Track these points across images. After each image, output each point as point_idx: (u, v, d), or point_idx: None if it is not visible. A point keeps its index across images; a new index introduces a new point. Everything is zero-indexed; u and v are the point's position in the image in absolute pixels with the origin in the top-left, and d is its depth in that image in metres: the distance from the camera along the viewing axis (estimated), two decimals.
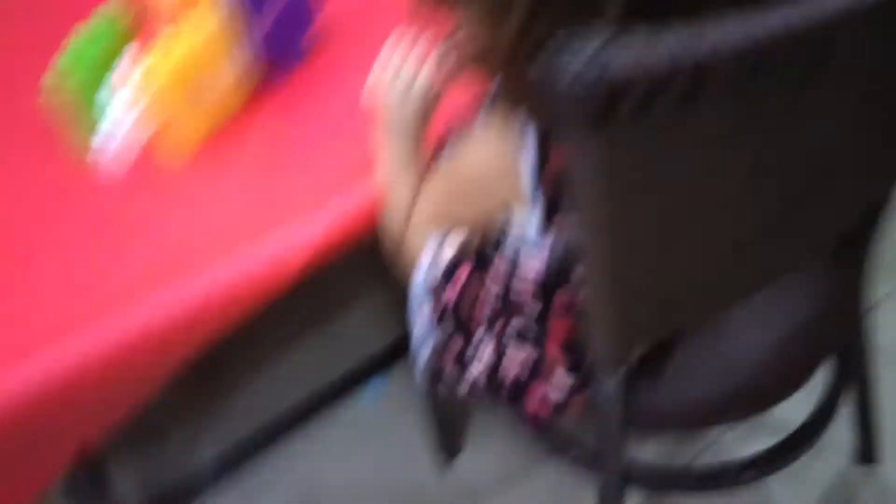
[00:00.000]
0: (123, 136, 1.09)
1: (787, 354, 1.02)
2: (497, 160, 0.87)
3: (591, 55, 0.58)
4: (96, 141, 1.09)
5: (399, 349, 1.57)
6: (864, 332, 1.19)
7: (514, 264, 0.95)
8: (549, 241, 0.89)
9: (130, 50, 1.10)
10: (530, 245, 0.91)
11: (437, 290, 1.01)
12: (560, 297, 0.94)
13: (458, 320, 1.01)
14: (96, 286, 1.00)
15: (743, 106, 0.64)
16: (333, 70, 1.17)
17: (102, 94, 1.08)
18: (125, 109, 1.08)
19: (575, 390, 0.99)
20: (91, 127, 1.09)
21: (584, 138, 0.64)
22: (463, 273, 0.99)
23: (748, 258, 0.85)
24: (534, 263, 0.92)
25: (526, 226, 0.90)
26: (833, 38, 0.62)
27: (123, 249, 1.03)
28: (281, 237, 1.01)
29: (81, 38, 1.07)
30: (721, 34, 0.58)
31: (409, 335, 1.06)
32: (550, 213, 0.87)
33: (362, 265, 1.63)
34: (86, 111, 1.08)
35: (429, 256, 1.02)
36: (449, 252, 1.00)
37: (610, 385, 0.94)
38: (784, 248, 0.87)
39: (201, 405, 1.60)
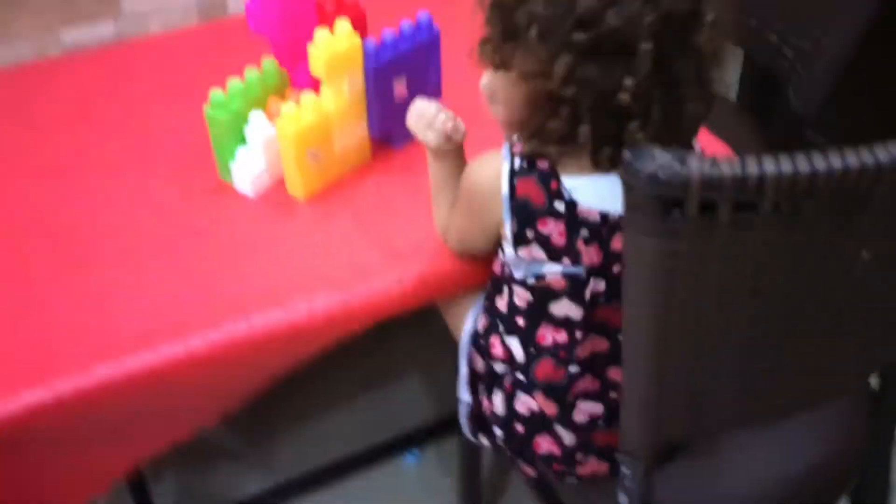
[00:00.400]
0: (259, 169, 1.24)
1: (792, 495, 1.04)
2: (490, 181, 1.00)
3: (666, 161, 0.68)
4: (236, 167, 1.24)
5: (444, 423, 1.67)
6: (886, 468, 1.23)
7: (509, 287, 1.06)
8: (520, 266, 1.01)
9: (274, 100, 1.26)
10: (511, 273, 1.03)
11: (472, 358, 1.15)
12: (542, 333, 1.04)
13: (489, 384, 1.13)
14: (212, 291, 1.13)
15: (794, 225, 0.71)
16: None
17: (247, 130, 1.23)
18: (264, 146, 1.24)
19: (578, 447, 1.07)
20: (233, 154, 1.24)
21: (647, 231, 0.71)
22: (494, 343, 1.10)
23: (782, 379, 0.88)
24: (521, 290, 1.04)
25: (507, 250, 1.02)
26: (877, 179, 0.69)
27: (243, 262, 1.16)
28: (378, 276, 1.13)
29: (236, 83, 1.24)
30: (776, 163, 0.67)
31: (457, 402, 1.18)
32: (518, 240, 0.99)
33: (421, 334, 1.75)
34: (232, 141, 1.24)
35: (469, 324, 1.16)
36: (482, 321, 1.13)
37: (635, 469, 0.95)
38: (822, 374, 0.91)
39: (250, 443, 1.70)
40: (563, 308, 1.02)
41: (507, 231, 1.01)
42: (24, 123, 1.42)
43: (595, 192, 0.97)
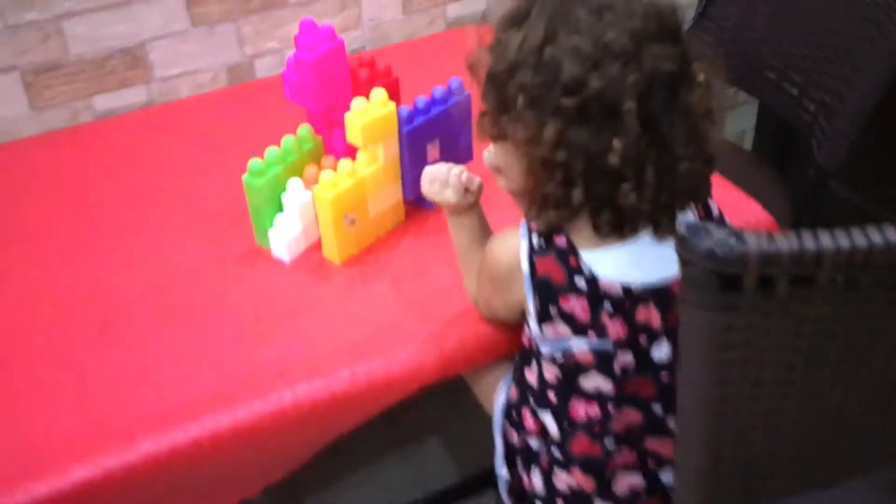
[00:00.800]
0: (296, 234, 1.25)
1: None
2: (510, 259, 1.01)
3: (722, 237, 0.68)
4: (274, 233, 1.26)
5: (472, 487, 1.66)
6: None
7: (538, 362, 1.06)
8: (546, 343, 1.02)
9: (311, 167, 1.28)
10: (538, 348, 1.04)
11: (507, 431, 1.15)
12: (575, 407, 1.04)
13: (526, 459, 1.12)
14: (254, 360, 1.13)
15: (850, 297, 0.71)
16: None
17: (284, 197, 1.25)
18: (301, 212, 1.25)
19: None
20: (271, 220, 1.26)
21: (704, 306, 0.71)
22: (526, 416, 1.10)
23: (838, 447, 0.87)
24: (549, 365, 1.04)
25: (532, 323, 1.02)
26: None
27: (283, 329, 1.17)
28: (419, 343, 1.14)
29: (273, 151, 1.25)
30: (833, 238, 0.68)
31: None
32: (542, 317, 1.00)
33: (453, 396, 1.75)
34: (270, 208, 1.26)
35: (502, 396, 1.16)
36: (513, 393, 1.13)
37: None
38: (879, 442, 0.89)
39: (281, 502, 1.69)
40: (594, 381, 1.02)
41: (531, 308, 1.01)
42: (57, 191, 1.44)
43: (615, 265, 0.98)
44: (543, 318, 1.00)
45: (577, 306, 0.99)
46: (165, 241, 1.33)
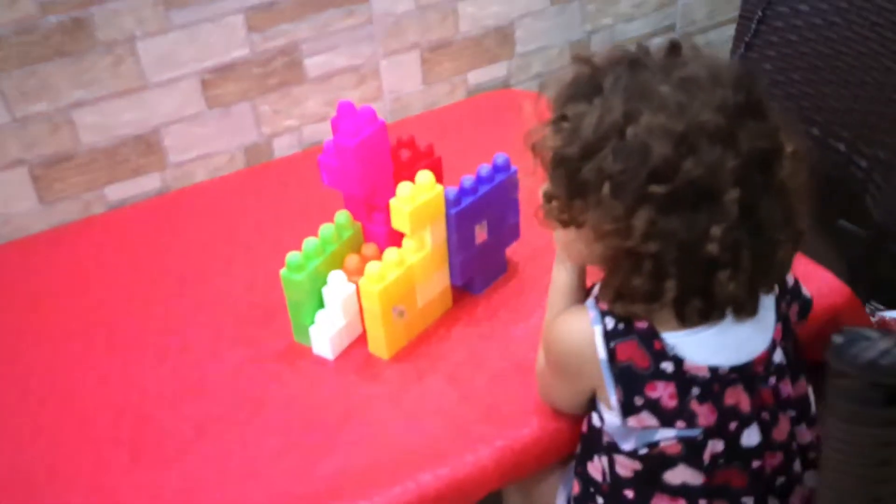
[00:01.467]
0: (338, 329, 1.16)
1: None
2: (581, 344, 0.92)
3: (888, 345, 0.62)
4: (315, 330, 1.16)
5: None
6: None
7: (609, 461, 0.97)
8: (629, 437, 0.93)
9: (352, 256, 1.19)
10: (615, 442, 0.94)
11: None
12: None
13: None
14: (307, 471, 1.03)
15: None
16: (516, 297, 1.25)
17: (326, 291, 1.16)
18: (343, 307, 1.16)
19: None
20: (312, 317, 1.17)
21: (862, 421, 0.65)
22: None
23: None
24: (625, 461, 0.95)
25: (610, 419, 0.93)
26: None
27: (334, 434, 1.07)
28: (485, 443, 1.04)
29: (312, 242, 1.17)
30: None
31: None
32: (627, 409, 0.91)
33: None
34: (311, 303, 1.17)
35: (562, 498, 1.07)
36: (576, 488, 1.03)
37: None
38: None
39: None
40: (680, 475, 0.93)
41: (613, 400, 0.92)
42: (72, 290, 1.34)
43: (699, 346, 0.90)
44: (628, 409, 0.91)
45: (664, 393, 0.90)
46: (195, 343, 1.23)
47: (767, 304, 0.93)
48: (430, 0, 1.63)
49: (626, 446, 0.94)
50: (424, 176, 1.13)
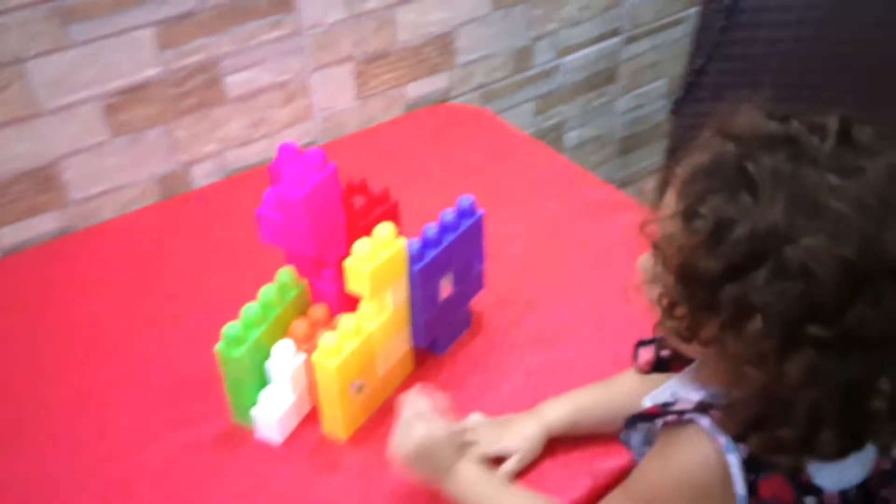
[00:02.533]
0: (286, 408, 1.00)
1: None
2: (705, 478, 0.75)
3: None
4: (260, 412, 1.00)
5: None
6: None
7: None
8: None
9: (299, 322, 1.02)
10: None
11: None
12: None
13: None
14: None
15: None
16: (484, 357, 1.11)
17: (270, 365, 0.99)
18: (293, 382, 0.99)
19: None
20: (254, 397, 1.00)
21: None
22: None
23: None
24: None
25: None
26: None
27: None
28: None
29: (252, 309, 0.99)
30: None
31: None
32: None
33: None
34: (253, 381, 1.00)
35: None
36: None
37: None
38: None
39: None
40: None
41: None
42: None
43: (834, 471, 0.75)
44: None
45: None
46: (115, 428, 1.04)
47: None
48: (364, 7, 1.45)
49: None
50: (384, 229, 0.97)
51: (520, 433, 0.97)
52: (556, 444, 0.98)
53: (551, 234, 1.29)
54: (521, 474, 0.96)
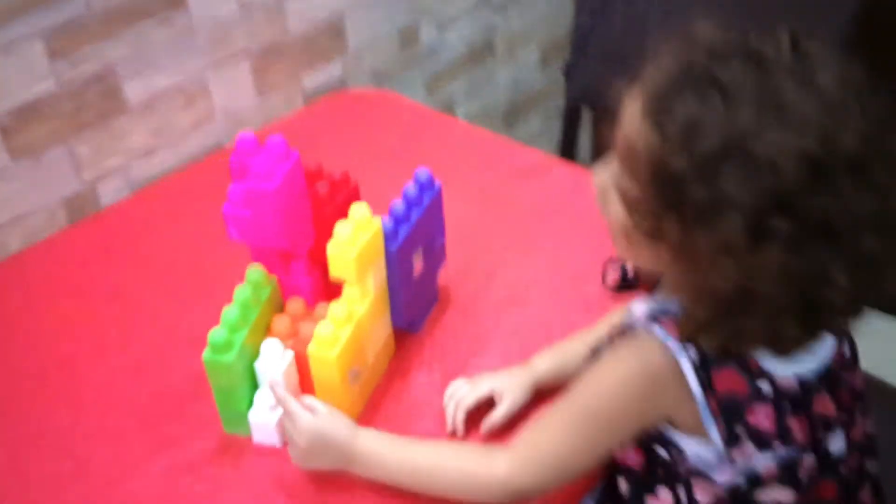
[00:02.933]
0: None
1: None
2: (657, 375, 0.80)
3: None
4: (254, 414, 0.95)
5: None
6: None
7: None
8: (727, 469, 0.83)
9: (280, 319, 0.98)
10: (703, 472, 0.84)
11: None
12: None
13: None
14: None
15: None
16: (462, 330, 1.10)
17: (259, 366, 0.95)
18: (285, 380, 0.95)
19: None
20: (247, 399, 0.95)
21: None
22: None
23: None
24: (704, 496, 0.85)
25: (700, 452, 0.82)
26: None
27: None
28: None
29: (231, 311, 0.95)
30: None
31: None
32: (730, 442, 0.80)
33: None
34: (246, 384, 0.95)
35: None
36: None
37: None
38: None
39: None
40: (772, 495, 0.83)
41: (715, 437, 0.80)
42: None
43: (786, 359, 0.80)
44: (731, 443, 0.79)
45: (762, 417, 0.79)
46: (94, 462, 0.96)
47: None
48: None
49: (722, 478, 0.82)
50: (360, 209, 0.95)
51: (508, 377, 0.99)
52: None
53: (491, 200, 1.30)
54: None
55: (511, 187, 1.32)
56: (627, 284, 0.97)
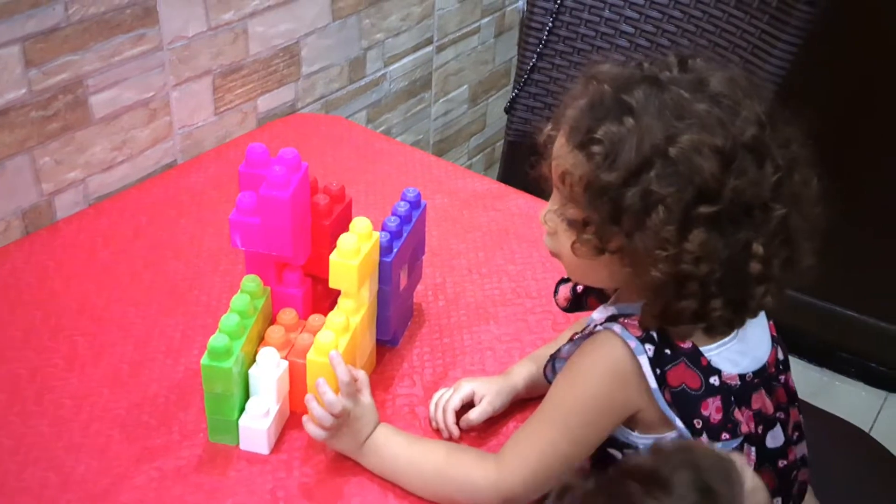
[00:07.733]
0: (272, 417, 0.97)
1: None
2: (621, 376, 0.88)
3: None
4: (245, 421, 0.96)
5: None
6: None
7: None
8: None
9: (275, 329, 1.00)
10: None
11: None
12: None
13: None
14: None
15: None
16: (439, 344, 1.14)
17: (254, 373, 0.96)
18: (277, 389, 0.97)
19: None
20: (240, 406, 0.97)
21: None
22: None
23: None
24: None
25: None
26: None
27: None
28: None
29: (231, 319, 0.96)
30: None
31: None
32: (692, 433, 0.88)
33: None
34: (241, 392, 0.96)
35: None
36: None
37: None
38: None
39: None
40: None
41: (681, 426, 0.87)
42: None
43: (728, 357, 0.89)
44: (693, 434, 0.87)
45: (713, 409, 0.88)
46: (77, 475, 0.95)
47: None
48: (222, 19, 1.42)
49: None
50: (362, 223, 0.98)
51: (487, 382, 1.04)
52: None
53: (450, 223, 1.35)
54: None
55: (466, 212, 1.38)
56: (577, 302, 1.04)
